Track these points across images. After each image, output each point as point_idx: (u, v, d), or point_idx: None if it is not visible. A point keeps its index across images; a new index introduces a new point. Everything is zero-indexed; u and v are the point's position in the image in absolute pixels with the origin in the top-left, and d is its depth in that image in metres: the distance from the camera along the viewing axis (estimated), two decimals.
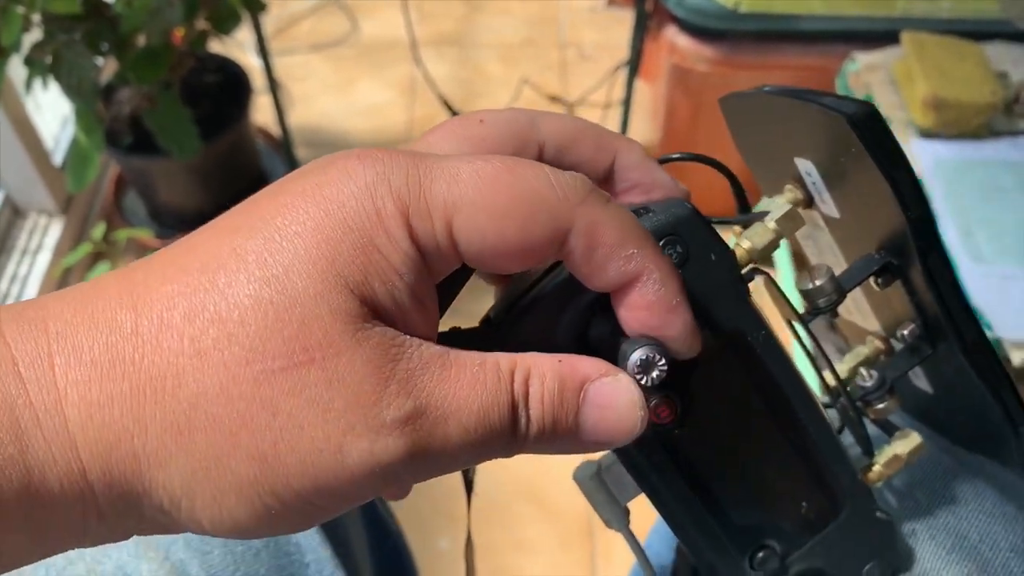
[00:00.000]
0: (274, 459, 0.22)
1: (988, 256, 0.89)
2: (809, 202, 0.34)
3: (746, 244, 0.31)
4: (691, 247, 0.28)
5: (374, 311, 0.23)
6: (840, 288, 0.32)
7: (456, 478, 0.35)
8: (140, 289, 0.23)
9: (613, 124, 1.50)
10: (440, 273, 0.25)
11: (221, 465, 0.22)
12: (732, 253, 0.29)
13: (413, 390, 0.23)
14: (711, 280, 0.28)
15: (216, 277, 0.23)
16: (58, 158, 1.50)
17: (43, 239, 1.43)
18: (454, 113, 1.55)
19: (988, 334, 0.81)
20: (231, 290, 0.22)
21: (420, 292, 0.24)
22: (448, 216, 0.23)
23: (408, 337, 0.24)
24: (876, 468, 0.34)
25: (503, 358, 0.25)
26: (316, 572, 0.43)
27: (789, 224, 0.32)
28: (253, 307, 0.22)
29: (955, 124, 0.97)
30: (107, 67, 1.50)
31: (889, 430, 0.36)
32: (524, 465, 1.22)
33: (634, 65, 1.32)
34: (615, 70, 1.56)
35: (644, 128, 1.68)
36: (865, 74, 1.04)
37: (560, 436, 0.25)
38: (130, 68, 1.09)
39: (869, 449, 0.35)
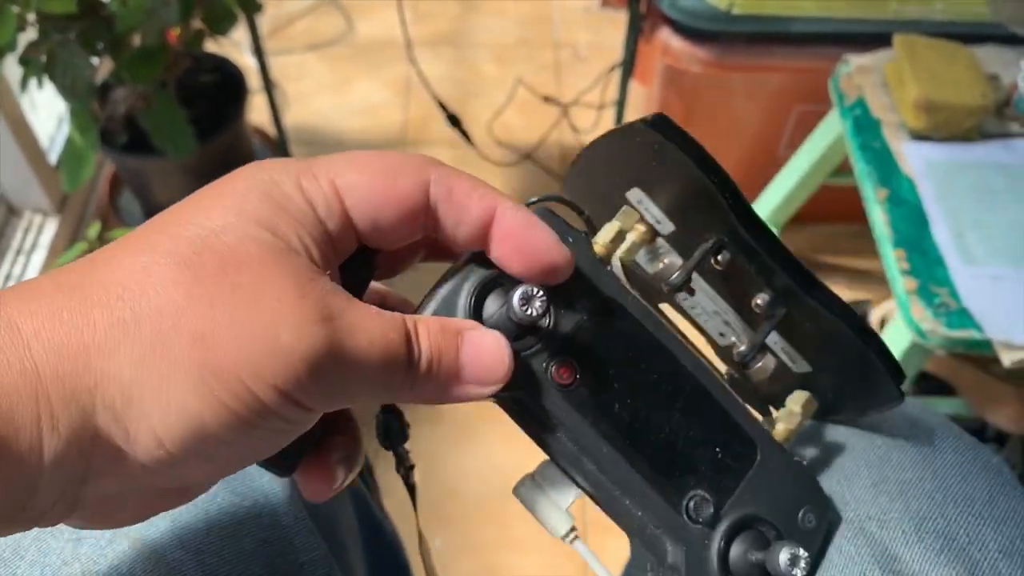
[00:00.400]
0: (213, 340, 0.25)
1: (979, 258, 0.89)
2: (653, 235, 0.38)
3: (600, 239, 0.37)
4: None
5: (290, 247, 0.28)
6: (686, 267, 0.37)
7: (448, 480, 0.36)
8: (93, 257, 0.27)
9: (607, 125, 1.50)
10: (337, 240, 0.29)
11: (165, 347, 0.25)
12: (586, 235, 0.35)
13: (329, 303, 0.27)
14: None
15: (156, 229, 0.27)
16: (53, 157, 1.50)
17: (38, 238, 1.43)
18: (449, 113, 1.55)
19: (978, 335, 0.82)
20: (167, 230, 0.27)
21: (320, 246, 0.29)
22: (331, 177, 0.29)
23: (322, 272, 0.28)
24: (779, 426, 0.37)
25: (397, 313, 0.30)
26: (311, 572, 0.43)
27: (628, 220, 0.37)
28: (186, 235, 0.26)
29: (946, 126, 0.97)
30: (102, 66, 1.50)
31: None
32: (519, 466, 1.22)
33: (628, 66, 1.33)
34: (609, 71, 1.56)
35: None
36: (857, 76, 1.05)
37: (446, 370, 0.30)
38: (125, 68, 1.09)
39: (765, 409, 0.39)
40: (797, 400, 0.38)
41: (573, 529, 0.35)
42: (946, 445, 0.42)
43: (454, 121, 1.57)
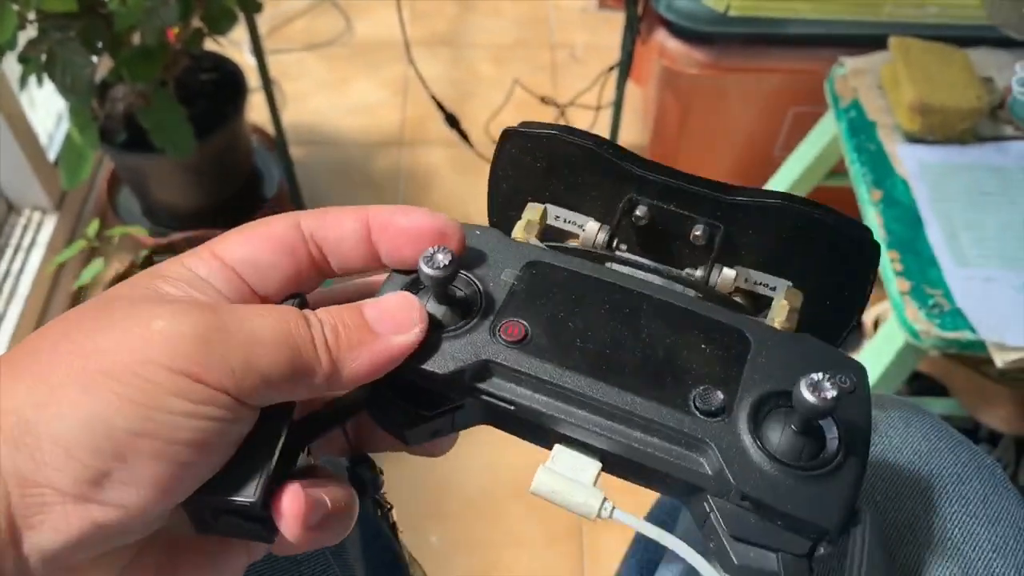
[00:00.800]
0: (92, 348, 0.26)
1: (972, 259, 0.90)
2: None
3: (519, 233, 0.38)
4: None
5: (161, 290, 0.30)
6: (604, 228, 0.38)
7: (445, 477, 0.37)
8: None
9: (604, 126, 1.51)
10: (229, 294, 0.31)
11: (50, 368, 0.26)
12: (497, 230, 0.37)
13: (201, 300, 0.30)
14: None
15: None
16: (52, 155, 1.50)
17: (37, 236, 1.44)
18: (446, 113, 1.56)
19: (971, 336, 0.83)
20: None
21: (200, 287, 0.31)
22: (210, 248, 0.32)
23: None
24: (776, 324, 0.35)
25: None
26: (309, 570, 0.44)
27: (533, 212, 0.39)
28: (71, 313, 0.29)
29: (941, 129, 0.98)
30: (102, 65, 1.50)
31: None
32: (514, 463, 1.23)
33: (625, 67, 1.33)
34: (606, 72, 1.57)
35: (634, 130, 1.70)
36: (852, 78, 1.06)
37: (355, 328, 0.30)
38: (125, 66, 1.09)
39: (747, 310, 0.37)
40: (780, 294, 0.37)
41: (606, 500, 0.32)
42: (941, 446, 0.42)
43: (452, 121, 1.57)
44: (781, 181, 1.24)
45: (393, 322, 0.31)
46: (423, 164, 1.69)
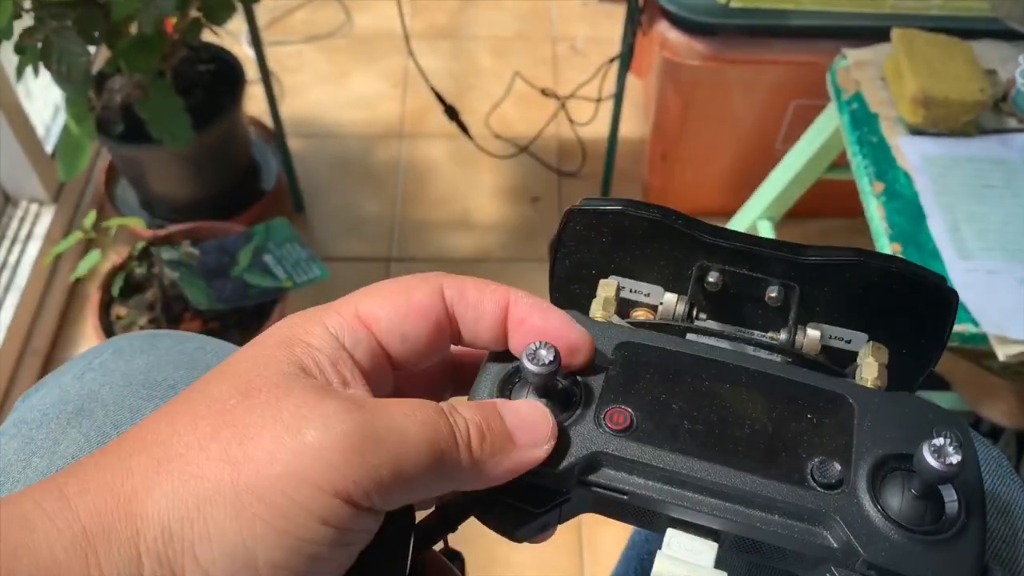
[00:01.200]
0: (243, 457, 0.25)
1: (975, 252, 0.89)
2: (652, 310, 0.40)
3: (599, 312, 0.38)
4: None
5: (307, 373, 0.29)
6: (682, 299, 0.38)
7: None
8: (127, 432, 0.28)
9: (604, 118, 1.50)
10: (367, 356, 0.31)
11: (198, 476, 0.25)
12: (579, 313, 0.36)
13: (351, 398, 0.28)
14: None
15: (181, 395, 0.29)
16: (50, 146, 1.50)
17: (34, 227, 1.43)
18: (446, 105, 1.55)
19: (974, 330, 0.82)
20: (194, 388, 0.29)
21: (345, 362, 0.30)
22: (353, 310, 0.31)
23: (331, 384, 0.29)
24: (868, 380, 0.34)
25: None
26: None
27: (607, 289, 0.38)
28: (209, 383, 0.28)
29: (944, 121, 0.98)
30: (99, 55, 1.50)
31: None
32: None
33: (625, 59, 1.32)
34: (607, 63, 1.56)
35: (635, 122, 1.69)
36: (855, 70, 1.05)
37: (499, 437, 0.30)
38: (122, 56, 1.09)
39: (839, 372, 0.36)
40: (864, 352, 0.36)
41: None
42: None
43: (451, 113, 1.56)
44: (782, 174, 1.23)
45: (532, 434, 0.30)
46: (423, 157, 1.68)
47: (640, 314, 0.39)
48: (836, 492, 0.31)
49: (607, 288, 0.38)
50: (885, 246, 0.90)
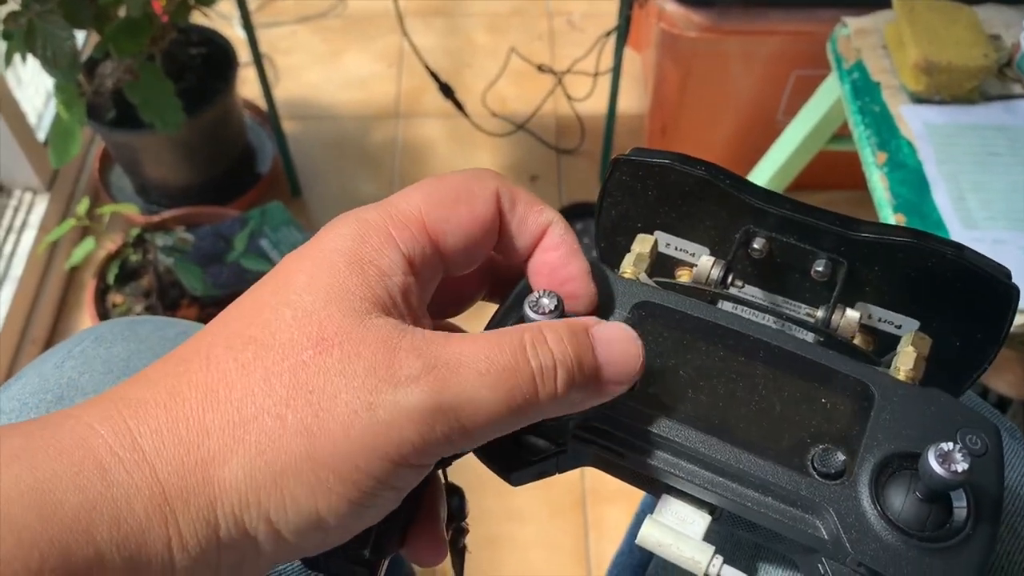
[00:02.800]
0: (318, 429, 0.26)
1: (980, 221, 0.88)
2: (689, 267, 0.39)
3: (628, 268, 0.37)
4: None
5: (379, 308, 0.28)
6: (720, 263, 0.36)
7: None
8: (187, 347, 0.28)
9: (603, 92, 1.48)
10: (429, 269, 0.30)
11: (275, 447, 0.25)
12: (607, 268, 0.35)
13: (422, 354, 0.27)
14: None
15: (248, 318, 0.28)
16: (42, 134, 1.48)
17: (28, 216, 1.42)
18: (442, 84, 1.53)
19: None
20: (260, 317, 0.28)
21: (413, 289, 0.29)
22: (419, 217, 0.30)
23: (410, 324, 0.28)
24: (900, 372, 0.33)
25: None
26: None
27: (643, 244, 0.37)
28: (279, 324, 0.27)
29: (947, 88, 0.96)
30: (90, 40, 1.48)
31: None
32: None
33: (622, 32, 1.30)
34: (604, 36, 1.54)
35: (633, 97, 1.67)
36: (856, 38, 1.03)
37: (587, 375, 0.28)
38: (110, 40, 1.07)
39: (872, 359, 0.34)
40: (906, 339, 0.34)
41: (715, 555, 0.31)
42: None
43: (447, 91, 1.55)
44: (784, 146, 1.21)
45: (620, 370, 0.29)
46: (419, 136, 1.66)
47: (683, 274, 0.38)
48: (835, 483, 0.30)
49: (643, 244, 0.37)
50: (889, 217, 0.88)
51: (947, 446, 0.27)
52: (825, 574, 0.29)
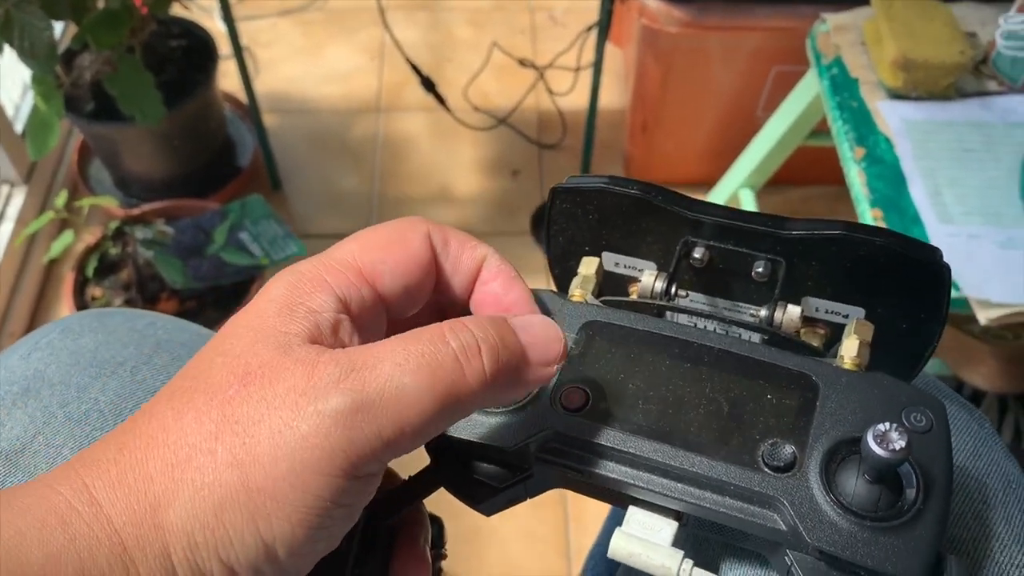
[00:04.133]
0: (246, 457, 0.26)
1: (956, 216, 0.89)
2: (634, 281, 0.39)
3: (576, 292, 0.38)
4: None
5: (307, 341, 0.28)
6: (662, 275, 0.37)
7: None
8: (140, 410, 0.29)
9: (584, 87, 1.48)
10: (368, 312, 0.31)
11: (210, 482, 0.26)
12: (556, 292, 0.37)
13: (340, 362, 0.27)
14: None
15: (187, 372, 0.29)
16: (19, 126, 1.47)
17: (5, 209, 1.41)
18: (423, 78, 1.53)
19: (955, 294, 0.82)
20: (196, 369, 0.29)
21: (346, 326, 0.30)
22: (354, 262, 0.31)
23: (330, 348, 0.28)
24: (846, 360, 0.34)
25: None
26: None
27: (588, 266, 0.38)
28: (210, 370, 0.28)
29: (924, 85, 0.97)
30: (68, 32, 1.46)
31: None
32: None
33: (604, 28, 1.31)
34: (586, 31, 1.54)
35: (614, 92, 1.67)
36: (835, 35, 1.04)
37: (512, 352, 0.29)
38: (88, 32, 1.06)
39: (815, 350, 0.35)
40: (848, 329, 0.35)
41: (685, 559, 0.31)
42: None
43: (429, 86, 1.54)
44: (764, 141, 1.22)
45: (545, 352, 0.30)
46: (401, 131, 1.66)
47: (635, 290, 0.39)
48: (786, 475, 0.30)
49: (587, 266, 0.38)
50: (866, 212, 0.89)
51: (884, 427, 0.28)
52: (791, 565, 0.30)
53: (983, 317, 0.82)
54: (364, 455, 0.26)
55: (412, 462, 0.33)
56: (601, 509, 0.35)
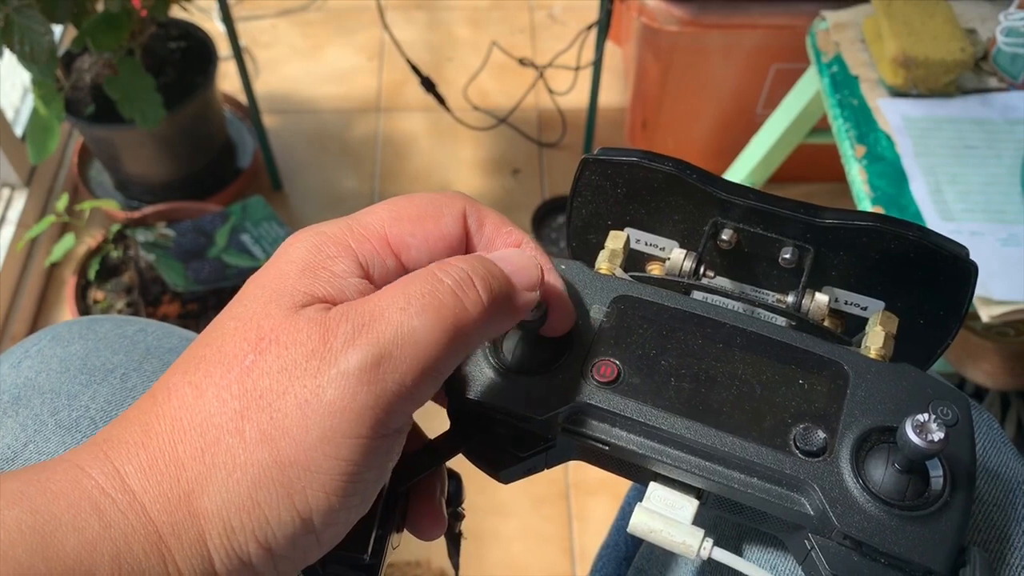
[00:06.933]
0: (276, 432, 0.26)
1: (957, 214, 0.89)
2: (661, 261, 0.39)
3: (604, 264, 0.37)
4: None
5: (321, 302, 0.28)
6: (692, 255, 0.37)
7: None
8: (158, 381, 0.29)
9: (584, 87, 1.48)
10: (389, 275, 0.30)
11: (242, 463, 0.26)
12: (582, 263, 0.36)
13: (348, 317, 0.27)
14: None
15: (202, 339, 0.28)
16: (19, 130, 1.47)
17: (6, 212, 1.41)
18: (423, 78, 1.53)
19: None
20: (210, 335, 0.28)
21: (363, 290, 0.29)
22: (381, 232, 0.30)
23: (340, 303, 0.28)
24: (871, 351, 0.34)
25: None
26: None
27: (615, 240, 0.38)
28: (224, 337, 0.28)
29: (924, 82, 0.97)
30: (67, 34, 1.46)
31: None
32: None
33: (603, 26, 1.31)
34: (585, 30, 1.54)
35: (614, 91, 1.67)
36: (834, 32, 1.04)
37: (501, 282, 0.29)
38: (88, 35, 1.06)
39: (842, 339, 0.35)
40: (875, 319, 0.35)
41: (706, 537, 0.31)
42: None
43: (428, 85, 1.54)
44: (764, 139, 1.22)
45: (528, 278, 0.30)
46: (401, 130, 1.66)
47: (654, 268, 0.39)
48: (817, 460, 0.30)
49: (616, 240, 0.38)
50: (867, 209, 0.89)
51: (923, 417, 0.28)
52: (812, 550, 0.30)
53: (985, 314, 0.82)
54: (392, 408, 0.26)
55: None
56: (605, 508, 0.35)
